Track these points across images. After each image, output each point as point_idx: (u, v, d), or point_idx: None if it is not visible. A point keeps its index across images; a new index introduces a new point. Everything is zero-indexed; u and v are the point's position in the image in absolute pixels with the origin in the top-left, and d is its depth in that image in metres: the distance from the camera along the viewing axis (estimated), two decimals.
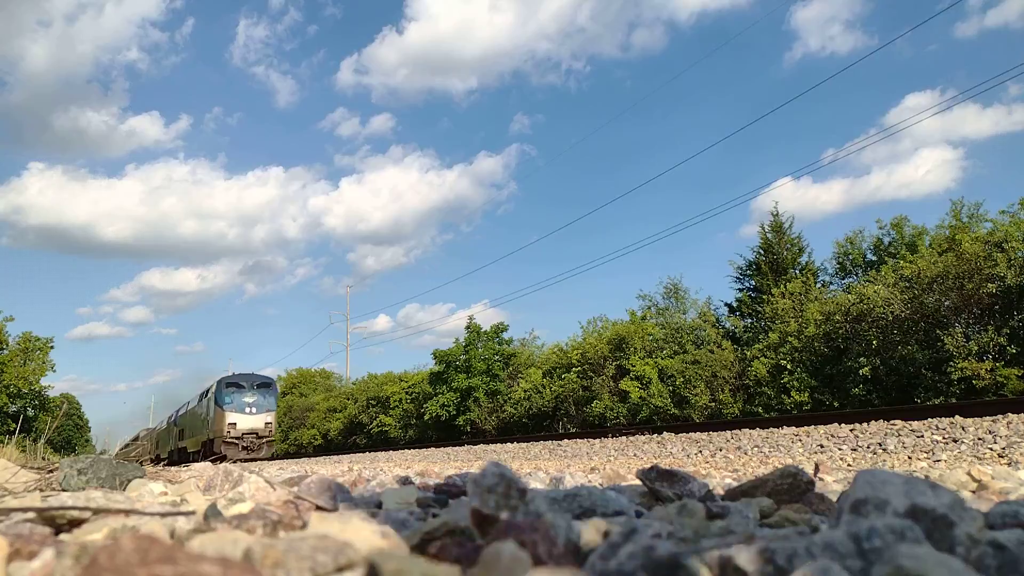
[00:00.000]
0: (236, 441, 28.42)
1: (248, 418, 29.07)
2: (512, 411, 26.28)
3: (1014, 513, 1.14)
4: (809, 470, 3.18)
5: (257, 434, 29.02)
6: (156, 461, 38.10)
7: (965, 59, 61.14)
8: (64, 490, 2.33)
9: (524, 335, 37.41)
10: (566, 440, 12.46)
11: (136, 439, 62.61)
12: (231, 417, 28.66)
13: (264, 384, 31.14)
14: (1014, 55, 42.43)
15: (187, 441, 35.56)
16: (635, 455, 8.10)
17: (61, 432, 67.02)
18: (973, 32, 58.80)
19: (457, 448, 15.80)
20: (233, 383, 30.11)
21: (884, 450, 5.57)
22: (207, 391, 32.28)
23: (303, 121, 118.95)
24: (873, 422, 7.61)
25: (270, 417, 30.00)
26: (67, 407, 54.25)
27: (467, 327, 30.64)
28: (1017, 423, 5.82)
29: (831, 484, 2.50)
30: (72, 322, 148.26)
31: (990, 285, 14.08)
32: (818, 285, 20.74)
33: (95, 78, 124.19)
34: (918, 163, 59.69)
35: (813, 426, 8.24)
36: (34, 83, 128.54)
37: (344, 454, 26.81)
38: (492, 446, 14.11)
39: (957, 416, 6.95)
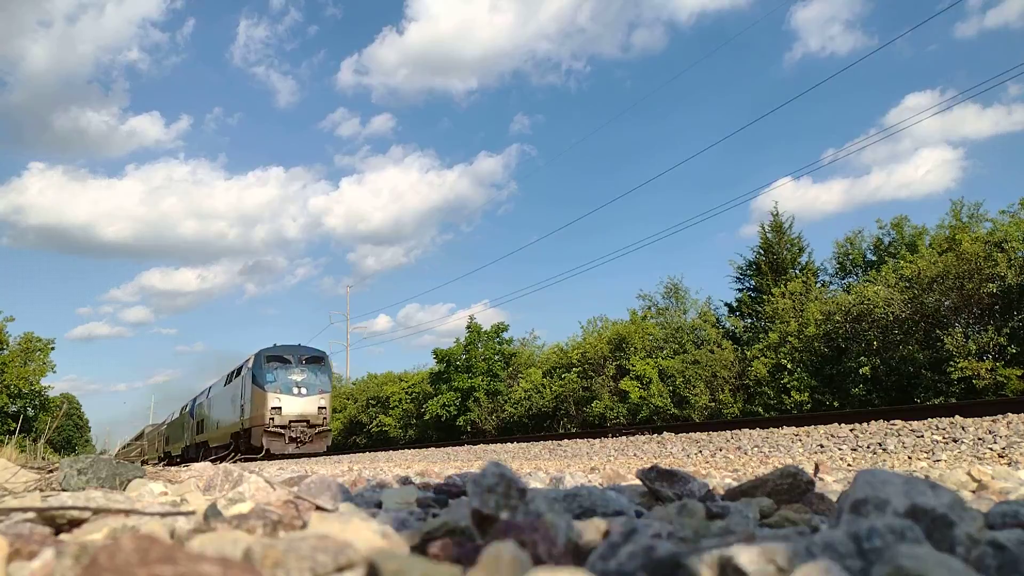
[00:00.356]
0: (282, 431, 21.87)
1: (297, 401, 22.45)
2: (512, 411, 26.31)
3: (1014, 513, 1.14)
4: (809, 470, 3.18)
5: (308, 422, 22.40)
6: (166, 461, 35.09)
7: (965, 59, 61.19)
8: (64, 490, 2.33)
9: (524, 335, 37.47)
10: (566, 440, 12.46)
11: (140, 436, 58.10)
12: (275, 400, 22.05)
13: (315, 358, 24.35)
14: (1014, 55, 42.46)
15: (210, 434, 29.21)
16: (635, 455, 8.09)
17: (61, 432, 67.01)
18: (973, 32, 58.86)
19: (457, 448, 15.81)
20: (276, 356, 23.41)
21: (884, 450, 5.57)
22: (239, 369, 25.77)
23: (303, 121, 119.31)
24: (873, 422, 7.61)
25: (324, 400, 23.22)
26: (67, 407, 54.25)
27: (468, 327, 30.67)
28: (1017, 423, 5.82)
29: (831, 484, 2.50)
30: (72, 322, 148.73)
31: (990, 285, 14.09)
32: (818, 285, 20.77)
33: (95, 78, 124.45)
34: (918, 163, 59.78)
35: (813, 426, 8.23)
36: (35, 83, 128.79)
37: (344, 454, 26.43)
38: (492, 446, 14.12)
39: (957, 416, 6.95)
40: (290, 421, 22.10)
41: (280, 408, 22.07)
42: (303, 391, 22.79)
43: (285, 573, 0.80)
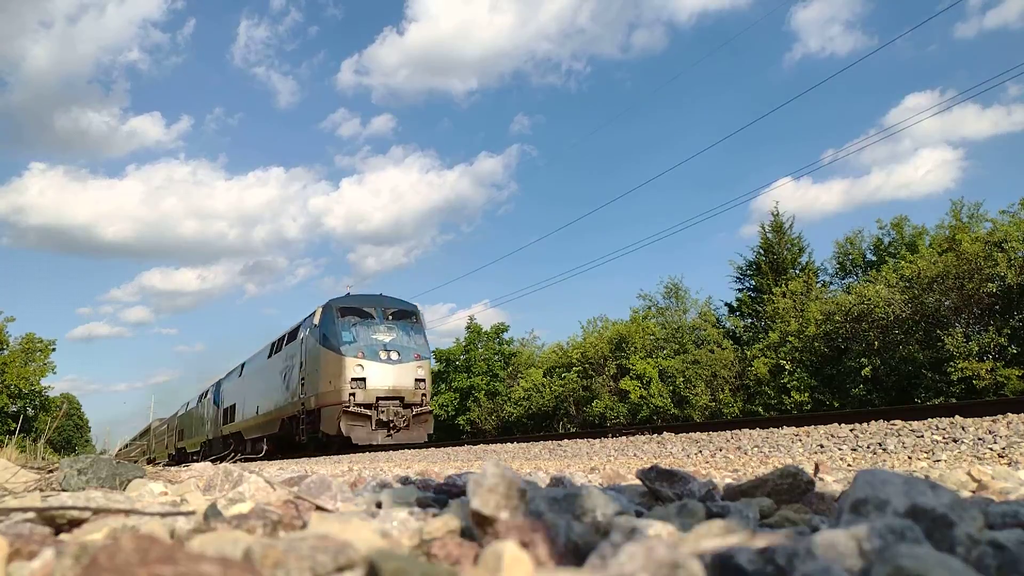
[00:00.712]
0: (366, 412, 15.83)
1: (387, 370, 16.25)
2: (512, 411, 26.31)
3: (1014, 513, 1.14)
4: (809, 470, 3.18)
5: (403, 399, 16.25)
6: (178, 460, 32.02)
7: (965, 59, 61.10)
8: (64, 490, 2.33)
9: (524, 335, 37.51)
10: (566, 440, 12.46)
11: (146, 431, 53.58)
12: (356, 368, 15.96)
13: (405, 312, 17.90)
14: (1014, 55, 42.47)
15: (246, 421, 22.57)
16: (635, 455, 8.09)
17: (61, 432, 66.98)
18: (973, 32, 58.75)
19: (457, 448, 15.80)
20: (354, 309, 17.13)
21: (884, 450, 5.57)
22: (293, 331, 19.37)
23: (304, 122, 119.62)
24: (873, 422, 7.60)
25: (423, 369, 16.87)
26: (67, 407, 54.13)
27: (468, 327, 30.70)
28: (1017, 423, 5.82)
29: (831, 484, 2.50)
30: (72, 322, 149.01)
31: (990, 285, 14.10)
32: (818, 285, 20.79)
33: (96, 79, 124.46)
34: (918, 163, 59.70)
35: (813, 426, 8.23)
36: (35, 83, 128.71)
37: (344, 454, 26.18)
38: (492, 446, 14.11)
39: (957, 416, 6.94)
40: (378, 398, 15.86)
41: (364, 380, 15.85)
42: (394, 356, 16.40)
43: (285, 573, 0.80)
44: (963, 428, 5.99)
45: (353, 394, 15.82)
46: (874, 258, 22.23)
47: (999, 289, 14.11)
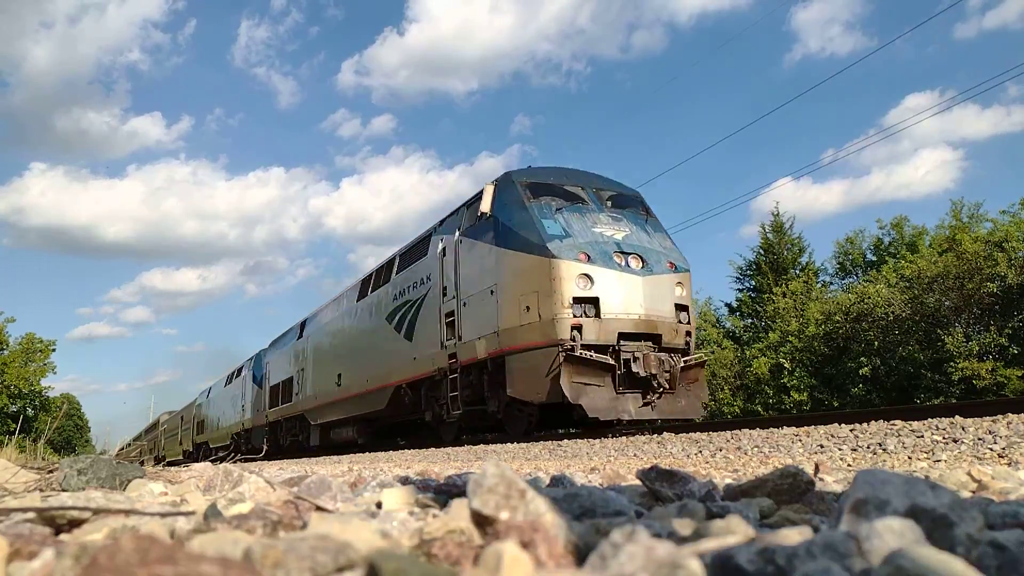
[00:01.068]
0: (606, 359, 8.47)
1: (632, 285, 8.80)
2: None
3: (1014, 513, 1.14)
4: (809, 470, 3.18)
5: (659, 340, 8.82)
6: (196, 458, 28.35)
7: (965, 59, 61.11)
8: (64, 490, 2.33)
9: None
10: (566, 440, 12.46)
11: (154, 426, 49.26)
12: (581, 280, 8.60)
13: (629, 199, 10.97)
14: (1014, 55, 42.47)
15: (316, 400, 16.67)
16: (635, 455, 8.09)
17: (61, 432, 66.99)
18: (973, 32, 58.78)
19: (457, 448, 15.79)
20: (550, 187, 9.97)
21: (884, 450, 5.56)
22: (422, 241, 12.52)
23: (304, 122, 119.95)
24: (873, 422, 7.60)
25: (683, 289, 9.47)
26: (67, 407, 54.09)
27: None
28: (1017, 423, 5.82)
29: (831, 484, 2.50)
30: (73, 322, 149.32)
31: (990, 285, 14.09)
32: (818, 285, 20.80)
33: (97, 79, 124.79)
34: (918, 164, 59.79)
35: (813, 426, 8.22)
36: (36, 84, 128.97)
37: (344, 454, 26.05)
38: (492, 446, 14.11)
39: (957, 416, 6.93)
40: (620, 336, 8.76)
41: (595, 302, 8.73)
42: (634, 264, 9.19)
43: (285, 573, 0.80)
44: (963, 428, 5.99)
45: (579, 327, 8.64)
46: (874, 258, 22.24)
47: (999, 289, 14.11)
